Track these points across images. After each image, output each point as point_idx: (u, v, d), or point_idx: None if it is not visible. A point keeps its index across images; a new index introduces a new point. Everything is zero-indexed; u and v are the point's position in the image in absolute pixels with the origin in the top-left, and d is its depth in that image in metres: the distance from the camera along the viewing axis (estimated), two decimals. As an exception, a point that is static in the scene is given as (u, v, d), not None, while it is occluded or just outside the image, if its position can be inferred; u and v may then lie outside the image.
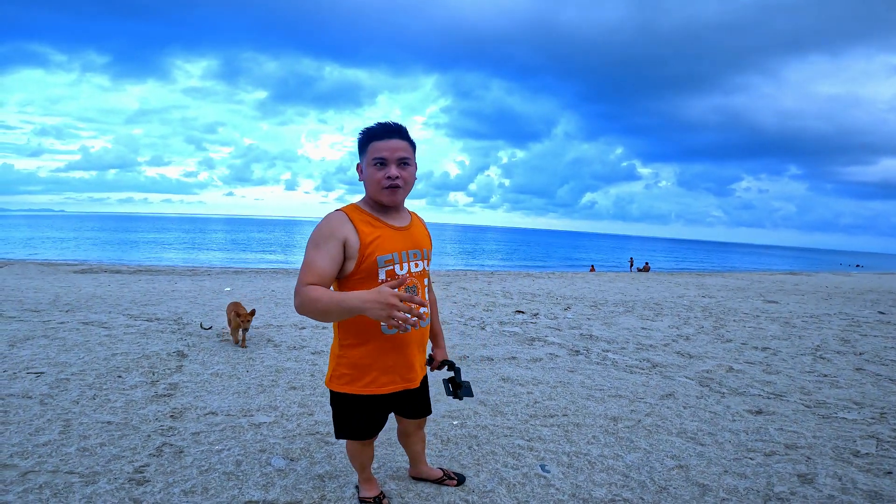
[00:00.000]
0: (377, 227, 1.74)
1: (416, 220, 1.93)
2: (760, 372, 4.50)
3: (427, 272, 1.91)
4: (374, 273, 1.70)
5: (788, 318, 7.87)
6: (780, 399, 3.77)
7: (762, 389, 3.98)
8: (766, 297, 10.96)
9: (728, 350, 5.36)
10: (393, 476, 2.48)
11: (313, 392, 3.60)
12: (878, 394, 3.95)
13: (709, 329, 6.58)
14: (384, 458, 2.67)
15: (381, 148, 1.69)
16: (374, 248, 1.70)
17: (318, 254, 1.63)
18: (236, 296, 7.82)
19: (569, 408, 3.47)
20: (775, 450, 2.84)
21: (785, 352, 5.36)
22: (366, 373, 1.80)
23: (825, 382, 4.22)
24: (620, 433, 3.05)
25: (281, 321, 5.99)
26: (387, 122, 1.72)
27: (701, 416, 3.37)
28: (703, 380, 4.19)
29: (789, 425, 3.23)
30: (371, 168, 1.71)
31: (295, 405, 3.34)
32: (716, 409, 3.51)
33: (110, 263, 16.04)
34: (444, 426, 3.10)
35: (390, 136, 1.70)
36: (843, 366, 4.83)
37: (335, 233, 1.66)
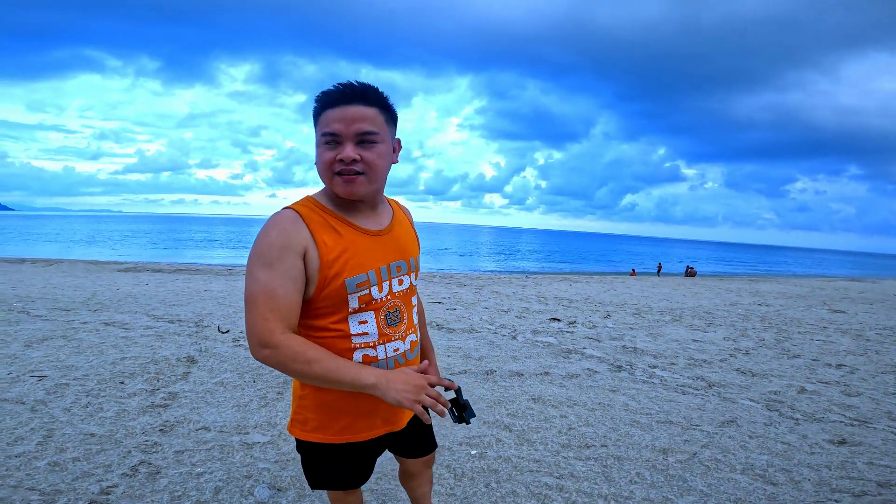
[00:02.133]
0: (342, 235, 1.21)
1: (398, 215, 1.39)
2: (839, 393, 3.84)
3: (415, 288, 1.40)
4: (342, 300, 1.20)
5: (860, 329, 6.99)
6: (866, 426, 3.14)
7: (843, 415, 3.34)
8: (830, 305, 9.94)
9: (797, 367, 4.67)
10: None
11: None
12: None
13: (771, 342, 5.86)
14: (385, 493, 2.26)
15: (333, 119, 1.15)
16: (340, 268, 1.18)
17: (276, 277, 1.12)
18: None
19: (609, 436, 2.96)
20: (866, 489, 2.29)
21: (863, 370, 4.63)
22: (336, 418, 1.30)
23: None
24: (671, 470, 2.52)
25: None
26: (348, 82, 1.18)
27: (771, 447, 2.79)
28: (772, 403, 3.57)
29: (880, 458, 2.65)
30: (321, 147, 1.19)
31: None
32: (789, 438, 2.92)
33: (154, 262, 16.42)
34: (460, 456, 2.66)
35: (348, 102, 1.15)
36: (939, 389, 4.09)
37: (291, 240, 1.14)
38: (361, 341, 1.24)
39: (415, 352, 1.37)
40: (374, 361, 1.25)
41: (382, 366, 1.26)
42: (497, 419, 3.17)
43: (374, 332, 1.25)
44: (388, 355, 1.27)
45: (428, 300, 8.16)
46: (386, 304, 1.27)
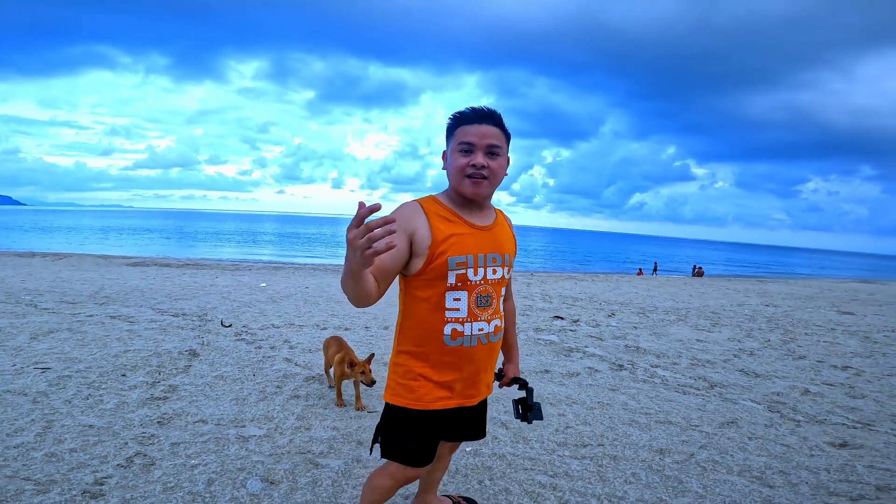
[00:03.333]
0: (454, 224, 1.48)
1: (501, 219, 1.63)
2: (843, 395, 3.78)
3: (507, 280, 1.61)
4: (443, 275, 1.44)
5: (868, 331, 6.89)
6: (869, 429, 3.08)
7: (846, 417, 3.28)
8: (839, 307, 9.80)
9: (802, 369, 4.61)
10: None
11: (317, 403, 3.24)
12: None
13: (776, 343, 5.79)
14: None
15: (470, 133, 1.45)
16: (446, 248, 1.43)
17: None
18: (270, 292, 7.65)
19: (606, 435, 2.93)
20: (864, 493, 2.25)
21: (869, 372, 4.56)
22: (422, 385, 1.52)
23: (927, 413, 3.47)
24: (667, 471, 2.49)
25: (305, 320, 5.71)
26: (480, 107, 1.47)
27: (770, 449, 2.75)
28: (774, 404, 3.52)
29: (881, 461, 2.60)
30: (456, 154, 1.47)
31: (293, 417, 2.99)
32: (789, 440, 2.87)
33: (163, 257, 16.55)
34: (455, 453, 2.64)
35: (481, 121, 1.45)
36: (946, 392, 4.01)
37: (404, 224, 1.42)
38: (453, 316, 1.47)
39: (497, 335, 1.56)
40: (460, 336, 1.48)
41: (467, 342, 1.49)
42: (494, 416, 3.15)
43: (464, 309, 1.47)
44: (473, 332, 1.49)
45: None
46: (478, 288, 1.48)
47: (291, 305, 6.58)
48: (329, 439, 2.73)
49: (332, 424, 2.92)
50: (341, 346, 3.26)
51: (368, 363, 3.07)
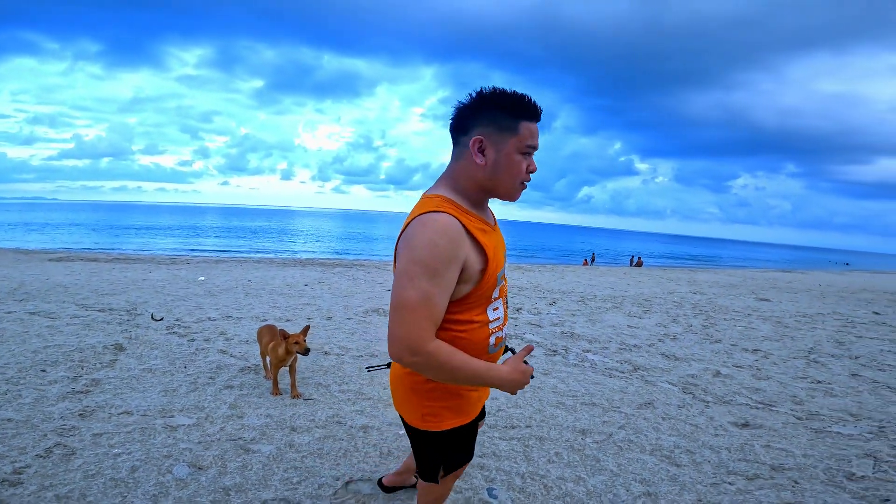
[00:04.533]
0: (487, 234, 1.28)
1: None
2: (750, 377, 4.08)
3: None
4: (488, 294, 1.29)
5: (781, 317, 7.44)
6: (770, 409, 3.34)
7: (750, 398, 3.55)
8: (758, 294, 10.52)
9: (717, 352, 4.93)
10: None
11: (251, 392, 3.18)
12: (877, 404, 3.52)
13: (698, 328, 6.15)
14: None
15: (535, 133, 1.25)
16: (496, 265, 1.28)
17: (438, 288, 1.15)
18: (209, 286, 7.36)
19: (534, 417, 3.05)
20: (759, 472, 2.42)
21: (777, 354, 4.94)
22: (467, 399, 1.41)
23: (819, 390, 3.80)
24: (587, 450, 2.63)
25: (244, 313, 5.55)
26: (534, 101, 1.24)
27: (681, 429, 2.94)
28: (688, 386, 3.76)
29: (777, 441, 2.81)
30: (518, 156, 1.25)
31: (225, 406, 2.93)
32: (698, 420, 3.08)
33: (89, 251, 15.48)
34: (388, 436, 2.70)
35: (539, 119, 1.26)
36: (839, 371, 4.41)
37: (456, 253, 1.17)
38: (495, 325, 1.35)
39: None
40: (500, 341, 1.39)
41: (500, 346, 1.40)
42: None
43: (502, 316, 1.37)
44: (505, 334, 1.41)
45: (379, 288, 8.12)
46: (506, 290, 1.41)
47: (231, 298, 6.36)
48: (262, 426, 2.71)
49: (265, 412, 2.90)
50: (275, 335, 3.20)
51: (303, 334, 3.06)
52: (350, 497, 2.09)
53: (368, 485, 2.19)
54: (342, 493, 2.11)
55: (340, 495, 2.10)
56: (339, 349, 4.27)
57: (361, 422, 2.86)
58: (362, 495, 2.12)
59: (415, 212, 1.22)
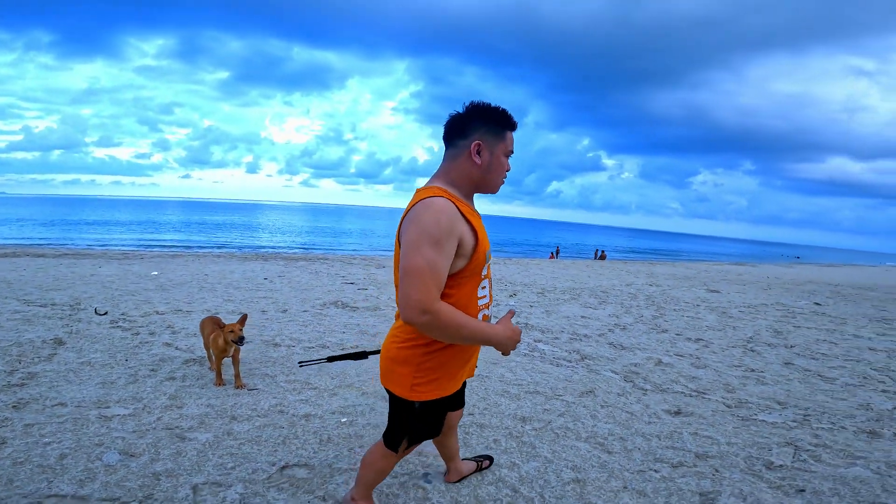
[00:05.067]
0: (477, 217, 1.53)
1: None
2: (689, 366, 4.23)
3: None
4: (479, 269, 1.50)
5: (727, 308, 7.74)
6: (702, 397, 3.46)
7: (686, 386, 3.68)
8: (709, 286, 10.91)
9: (661, 341, 5.10)
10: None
11: (194, 384, 3.13)
12: (805, 392, 3.71)
13: (648, 318, 6.34)
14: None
15: (513, 141, 1.56)
16: (484, 243, 1.50)
17: (441, 257, 1.35)
18: (162, 280, 7.11)
19: (478, 406, 3.08)
20: (684, 460, 2.50)
21: (717, 343, 5.14)
22: (454, 372, 1.61)
23: (751, 378, 3.97)
24: (525, 437, 2.68)
25: (195, 306, 5.40)
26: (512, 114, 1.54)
27: (617, 417, 3.03)
28: (630, 374, 3.87)
29: (705, 429, 2.90)
30: (503, 158, 1.54)
31: (164, 397, 2.89)
32: (634, 408, 3.17)
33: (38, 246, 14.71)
34: (329, 423, 2.71)
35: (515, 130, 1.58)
36: (773, 359, 4.62)
37: (454, 228, 1.38)
38: (482, 303, 1.56)
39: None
40: (487, 319, 1.59)
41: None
42: (376, 390, 3.23)
43: (487, 296, 1.58)
44: (490, 314, 1.61)
45: (341, 281, 8.04)
46: (490, 273, 1.60)
47: (183, 292, 6.16)
48: (201, 415, 2.68)
49: (206, 402, 2.86)
50: (217, 326, 3.15)
51: (240, 324, 3.03)
52: (284, 481, 2.10)
53: (305, 469, 2.21)
54: (277, 477, 2.13)
55: (275, 479, 2.11)
56: (291, 341, 4.22)
57: (304, 410, 2.85)
58: (297, 479, 2.14)
59: (415, 199, 1.44)
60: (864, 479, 2.34)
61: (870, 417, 3.20)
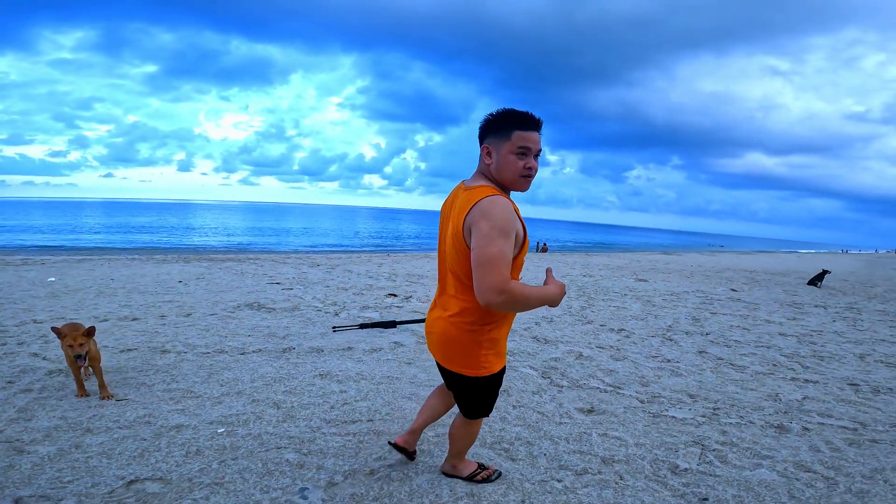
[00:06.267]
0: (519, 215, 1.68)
1: None
2: (608, 358, 4.12)
3: None
4: (522, 259, 1.68)
5: (652, 296, 7.85)
6: (617, 392, 3.30)
7: (603, 381, 3.53)
8: (638, 275, 11.16)
9: (585, 333, 5.00)
10: None
11: (53, 395, 2.78)
12: (716, 382, 3.65)
13: (576, 309, 6.27)
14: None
15: (527, 139, 1.61)
16: (527, 236, 1.68)
17: (508, 245, 1.53)
18: (57, 287, 6.28)
19: (381, 410, 2.80)
20: (589, 466, 2.29)
21: (638, 333, 5.11)
22: (503, 344, 1.82)
23: (666, 370, 3.90)
24: (425, 444, 2.41)
25: (84, 313, 4.79)
26: (530, 113, 1.63)
27: (527, 418, 2.81)
28: (548, 370, 3.69)
29: (615, 429, 2.72)
30: (513, 155, 1.62)
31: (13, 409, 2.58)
32: (547, 408, 2.97)
33: None
34: (203, 434, 2.38)
35: (535, 129, 1.63)
36: (688, 348, 4.61)
37: (515, 223, 1.59)
38: None
39: None
40: None
41: None
42: (268, 397, 2.90)
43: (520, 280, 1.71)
44: None
45: (266, 282, 7.50)
46: None
47: (75, 300, 5.44)
48: (50, 428, 2.34)
49: (61, 415, 2.50)
50: (73, 331, 2.70)
51: (85, 336, 2.63)
52: (130, 495, 1.86)
53: (158, 484, 1.93)
54: (121, 491, 1.89)
55: (118, 494, 1.87)
56: (184, 347, 3.76)
57: (177, 421, 2.51)
58: (145, 493, 1.88)
59: (476, 196, 1.58)
60: (770, 483, 2.20)
61: (778, 409, 3.16)
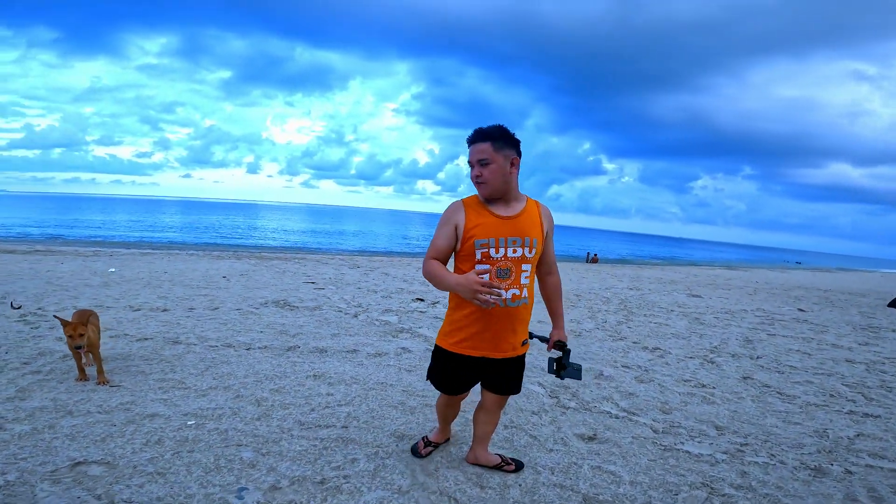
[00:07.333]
0: (482, 215, 1.82)
1: (529, 209, 1.89)
2: (631, 379, 3.68)
3: (528, 258, 1.84)
4: (472, 254, 1.80)
5: (702, 313, 7.14)
6: (630, 419, 2.90)
7: (617, 404, 3.13)
8: (692, 290, 10.28)
9: (614, 350, 4.55)
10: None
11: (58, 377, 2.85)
12: (752, 413, 3.15)
13: (611, 325, 5.78)
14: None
15: (470, 152, 1.82)
16: (473, 234, 1.79)
17: (439, 234, 1.83)
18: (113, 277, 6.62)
19: (360, 418, 2.60)
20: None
21: (675, 353, 4.58)
22: (457, 334, 1.89)
23: (696, 396, 3.41)
24: (389, 461, 2.18)
25: (123, 302, 4.99)
26: (477, 128, 1.80)
27: (516, 441, 2.50)
28: (558, 389, 3.33)
29: (613, 461, 2.34)
30: (469, 167, 1.84)
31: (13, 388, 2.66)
32: (542, 431, 2.63)
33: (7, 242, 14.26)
34: (173, 425, 2.35)
35: (474, 142, 1.80)
36: (731, 373, 4.06)
37: (450, 219, 1.83)
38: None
39: (516, 302, 1.83)
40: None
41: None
42: (253, 394, 2.81)
43: (486, 278, 1.74)
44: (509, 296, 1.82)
45: (303, 281, 7.57)
46: (499, 263, 1.79)
47: (122, 289, 5.71)
48: (36, 408, 2.41)
49: (53, 396, 2.56)
50: (80, 319, 2.77)
51: (83, 324, 2.65)
52: (69, 475, 1.89)
53: (102, 468, 1.95)
54: (64, 471, 1.92)
55: (60, 473, 1.90)
56: (196, 339, 3.78)
57: (153, 410, 2.49)
58: (84, 475, 1.89)
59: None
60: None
61: (821, 447, 2.65)
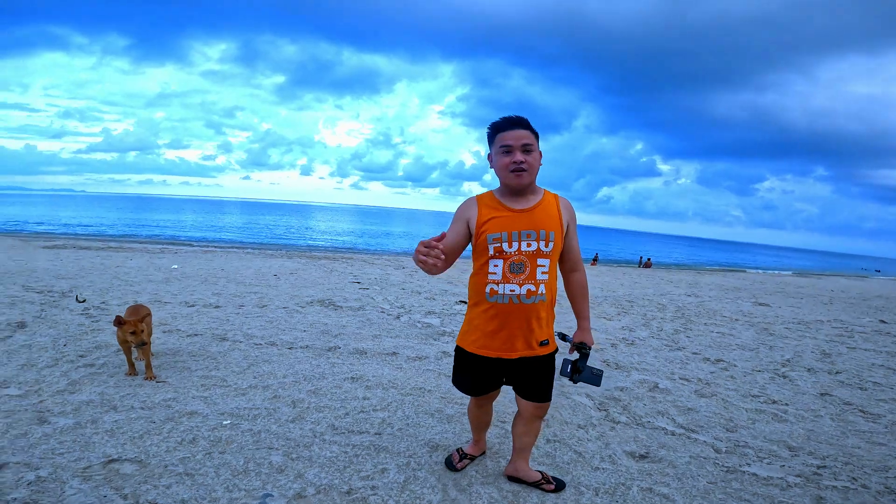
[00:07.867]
0: (495, 210, 1.77)
1: (546, 202, 1.81)
2: (690, 393, 3.34)
3: (544, 252, 1.74)
4: (485, 249, 1.75)
5: (771, 323, 6.52)
6: (688, 436, 2.60)
7: (673, 420, 2.83)
8: (758, 298, 9.47)
9: (671, 361, 4.18)
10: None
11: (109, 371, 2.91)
12: (832, 433, 2.76)
13: (667, 333, 5.37)
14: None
15: (506, 137, 1.72)
16: (486, 229, 1.74)
17: (450, 229, 1.78)
18: (175, 273, 6.93)
19: (394, 424, 2.48)
20: None
21: (741, 366, 4.15)
22: (473, 333, 1.83)
23: (767, 413, 3.04)
24: (420, 472, 2.03)
25: (180, 298, 5.14)
26: (510, 115, 1.76)
27: (559, 457, 2.28)
28: (607, 401, 3.06)
29: (666, 483, 2.09)
30: (499, 155, 1.74)
31: (65, 381, 2.72)
32: (588, 447, 2.40)
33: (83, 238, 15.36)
34: (209, 424, 2.32)
35: (513, 127, 1.72)
36: (807, 388, 3.62)
37: (462, 215, 1.80)
38: (492, 278, 1.75)
39: (530, 299, 1.73)
40: (496, 294, 1.74)
41: (500, 300, 1.73)
42: (289, 394, 2.77)
43: (499, 273, 1.73)
44: (504, 292, 1.73)
45: (349, 280, 7.62)
46: (513, 257, 1.72)
47: (181, 285, 5.94)
48: (83, 402, 2.44)
49: (101, 391, 2.59)
50: (134, 314, 2.83)
51: (140, 321, 2.68)
52: (101, 472, 1.88)
53: (134, 465, 1.93)
54: (97, 468, 1.91)
55: (93, 470, 1.90)
56: (242, 336, 3.81)
57: (193, 408, 2.48)
58: (115, 473, 1.88)
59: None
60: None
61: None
